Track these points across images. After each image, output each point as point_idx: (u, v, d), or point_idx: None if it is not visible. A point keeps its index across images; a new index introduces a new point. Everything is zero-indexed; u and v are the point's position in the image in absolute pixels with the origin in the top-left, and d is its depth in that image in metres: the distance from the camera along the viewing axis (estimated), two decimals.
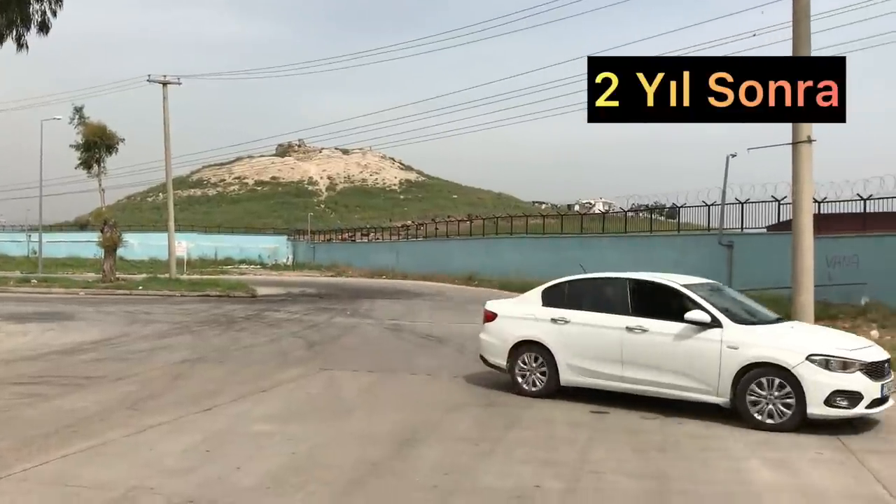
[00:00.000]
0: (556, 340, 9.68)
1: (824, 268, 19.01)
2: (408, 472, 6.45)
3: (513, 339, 10.06)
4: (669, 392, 9.00)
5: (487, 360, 10.48)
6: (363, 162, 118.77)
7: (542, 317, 9.92)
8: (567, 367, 9.60)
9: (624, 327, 9.22)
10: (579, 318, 9.64)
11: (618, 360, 9.24)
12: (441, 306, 24.64)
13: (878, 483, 6.52)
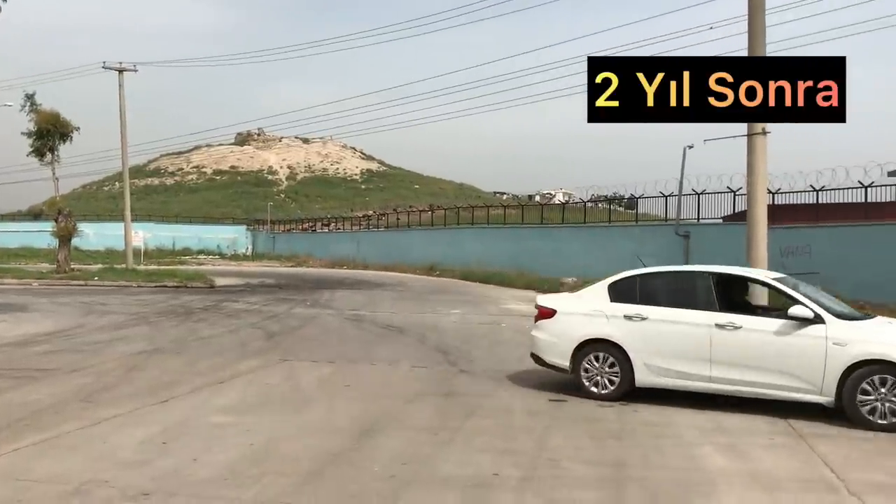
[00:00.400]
0: (632, 339, 9.04)
1: (778, 257, 19.37)
2: (366, 463, 6.45)
3: (578, 338, 9.34)
4: (766, 392, 8.52)
5: (544, 360, 9.73)
6: (324, 151, 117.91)
7: (612, 313, 9.22)
8: (644, 367, 8.98)
9: (713, 324, 8.67)
10: (659, 314, 9.01)
11: (705, 359, 8.69)
12: (402, 296, 24.63)
13: (827, 467, 6.69)
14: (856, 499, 5.86)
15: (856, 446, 7.45)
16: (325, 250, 52.69)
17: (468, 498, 5.65)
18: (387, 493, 5.72)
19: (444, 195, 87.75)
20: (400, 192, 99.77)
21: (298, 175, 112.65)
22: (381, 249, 46.06)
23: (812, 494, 5.96)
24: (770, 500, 5.81)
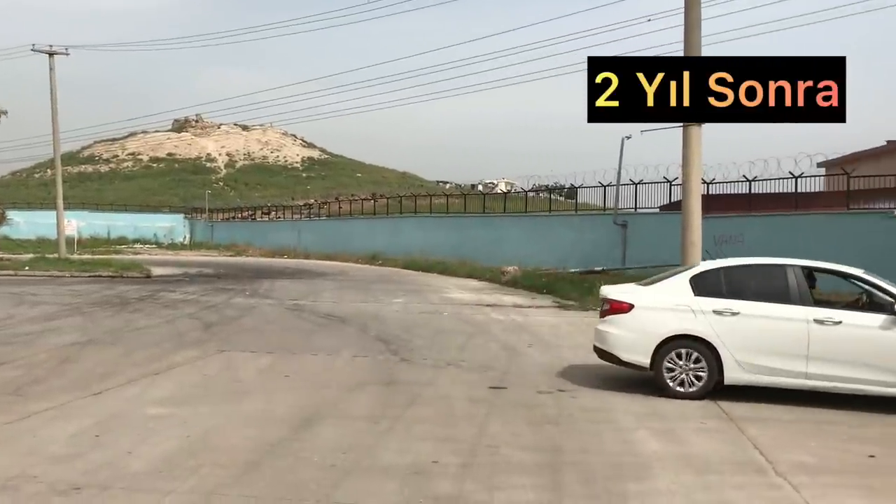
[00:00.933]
0: (723, 334, 8.65)
1: (712, 246, 19.83)
2: (306, 453, 6.42)
3: (662, 334, 8.87)
4: (865, 388, 8.39)
5: (618, 358, 9.23)
6: (264, 139, 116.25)
7: (700, 308, 8.79)
8: (735, 363, 8.63)
9: (811, 319, 8.43)
10: (752, 309, 8.66)
11: (802, 356, 8.44)
12: (344, 286, 24.51)
13: (756, 450, 6.92)
14: (782, 479, 6.07)
15: (783, 428, 7.72)
16: (265, 239, 52.05)
17: (408, 486, 5.68)
18: (326, 482, 5.71)
19: (386, 184, 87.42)
20: (342, 180, 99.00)
21: (238, 163, 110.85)
22: (323, 238, 45.71)
23: (741, 476, 6.15)
24: (701, 482, 5.98)
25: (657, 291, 9.27)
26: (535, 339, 13.32)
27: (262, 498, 5.37)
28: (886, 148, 35.72)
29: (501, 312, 17.34)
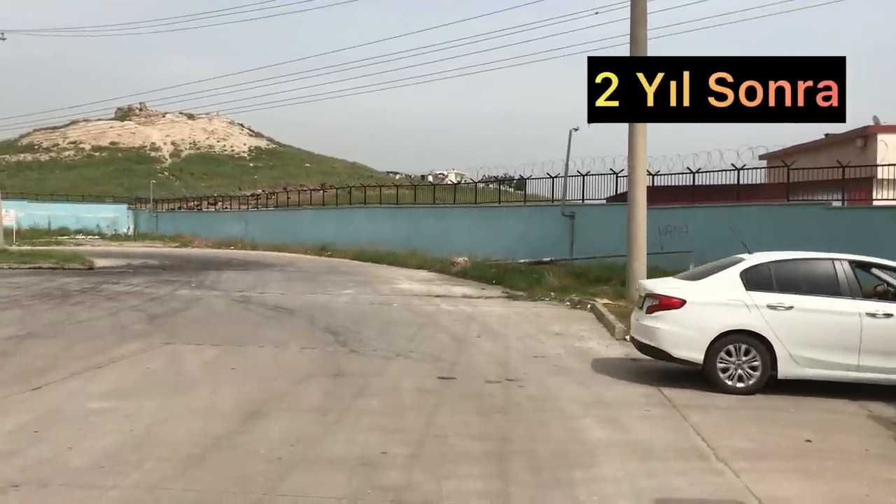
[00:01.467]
0: (776, 329, 8.68)
1: (657, 236, 20.22)
2: (252, 446, 6.37)
3: (717, 329, 8.83)
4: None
5: (669, 354, 9.13)
6: (210, 128, 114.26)
7: (754, 303, 8.79)
8: (789, 358, 8.67)
9: (864, 313, 8.57)
10: (805, 303, 8.72)
11: (854, 349, 8.55)
12: (292, 277, 24.28)
13: (698, 436, 7.08)
14: (723, 465, 6.23)
15: (724, 415, 7.91)
16: (211, 230, 51.26)
17: (356, 477, 5.67)
18: (273, 475, 5.67)
19: (335, 174, 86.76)
20: (290, 170, 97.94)
21: (183, 152, 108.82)
22: (271, 229, 45.22)
23: (684, 462, 6.29)
24: (646, 468, 6.09)
25: (708, 286, 9.18)
26: (485, 330, 13.39)
27: (207, 492, 5.32)
28: (825, 141, 36.67)
29: (451, 303, 17.39)
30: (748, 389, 8.73)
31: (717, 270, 9.42)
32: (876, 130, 37.66)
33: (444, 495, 5.37)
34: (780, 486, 5.74)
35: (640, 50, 15.93)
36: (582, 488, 5.59)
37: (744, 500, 5.47)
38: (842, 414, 8.11)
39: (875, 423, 7.78)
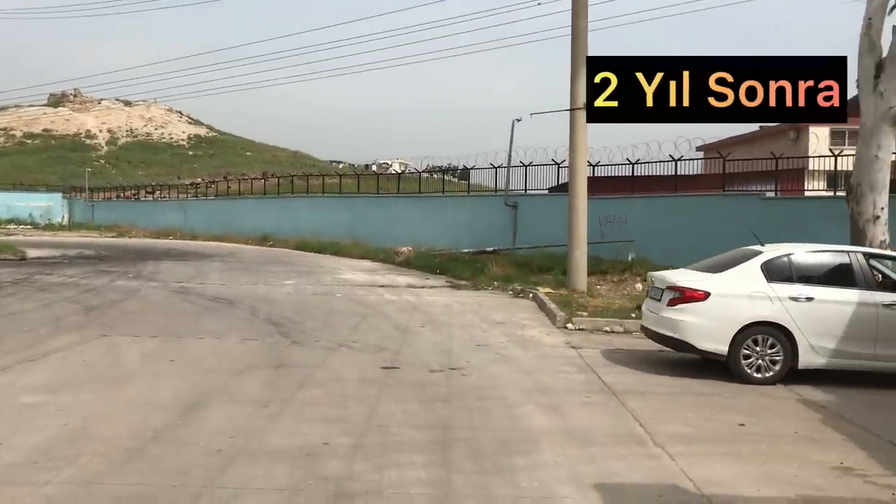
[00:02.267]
0: (798, 320, 8.84)
1: (597, 226, 20.49)
2: (191, 438, 6.28)
3: (741, 321, 8.93)
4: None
5: (695, 346, 9.17)
6: (147, 115, 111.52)
7: (776, 294, 8.93)
8: (810, 348, 8.84)
9: (881, 303, 8.85)
10: (826, 294, 8.92)
11: (871, 339, 8.83)
12: (233, 267, 23.93)
13: (637, 421, 7.25)
14: (660, 449, 6.39)
15: (662, 400, 8.10)
16: (149, 220, 50.12)
17: (298, 468, 5.64)
18: (213, 467, 5.61)
19: (277, 163, 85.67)
20: (231, 159, 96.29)
21: (119, 140, 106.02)
22: (211, 219, 44.44)
23: (623, 448, 6.42)
24: (585, 454, 6.21)
25: (730, 278, 9.24)
26: (428, 319, 13.42)
27: (145, 486, 5.23)
28: (759, 133, 37.65)
29: (395, 293, 17.37)
30: (771, 380, 8.88)
31: (736, 263, 9.51)
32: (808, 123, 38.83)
33: (386, 485, 5.39)
34: (714, 469, 5.91)
35: (580, 42, 16.09)
36: (523, 474, 5.66)
37: (680, 483, 5.61)
38: (774, 398, 8.37)
39: (805, 407, 8.05)
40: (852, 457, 6.33)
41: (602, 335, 12.30)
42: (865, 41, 12.13)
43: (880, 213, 11.95)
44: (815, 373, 8.98)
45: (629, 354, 10.65)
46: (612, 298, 15.43)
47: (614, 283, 18.02)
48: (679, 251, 17.07)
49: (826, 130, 33.75)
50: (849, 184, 12.60)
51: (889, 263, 9.70)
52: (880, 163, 12.02)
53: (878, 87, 11.92)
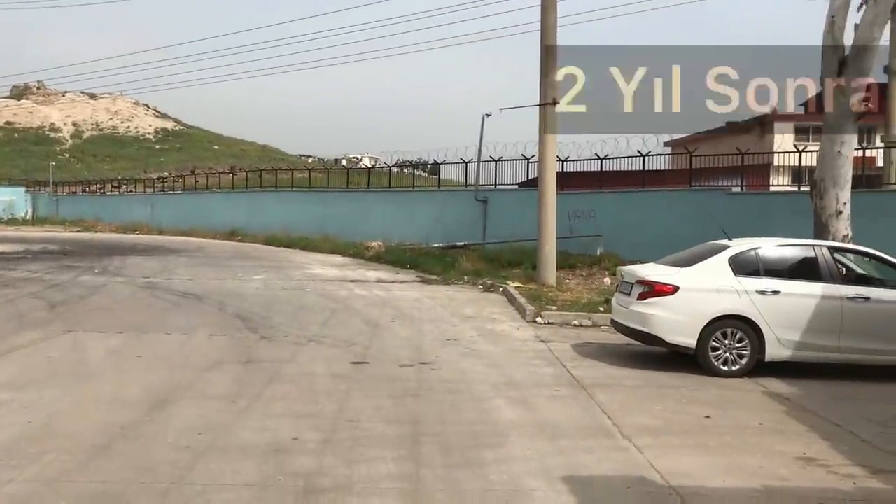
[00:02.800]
0: (765, 313, 8.95)
1: (566, 221, 20.61)
2: (159, 435, 6.22)
3: (710, 314, 9.02)
4: (888, 359, 9.14)
5: (664, 340, 9.27)
6: (113, 108, 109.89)
7: (744, 288, 9.03)
8: (776, 341, 8.96)
9: (844, 296, 8.96)
10: (792, 288, 9.04)
11: (836, 331, 8.94)
12: (200, 262, 23.70)
13: (604, 414, 7.32)
14: (628, 442, 6.45)
15: (629, 393, 8.19)
16: (115, 214, 49.47)
17: (266, 464, 5.62)
18: (181, 463, 5.56)
19: (246, 157, 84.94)
20: (198, 153, 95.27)
21: (85, 133, 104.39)
22: (178, 213, 43.95)
23: (591, 440, 6.48)
24: (554, 447, 6.25)
25: (699, 273, 9.33)
26: (399, 314, 13.41)
27: (112, 483, 5.18)
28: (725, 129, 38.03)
29: (365, 288, 17.33)
30: (738, 372, 8.99)
31: (704, 257, 9.60)
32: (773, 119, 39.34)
33: (357, 479, 5.39)
34: (681, 461, 5.99)
35: (549, 38, 16.15)
36: (492, 468, 5.69)
37: (647, 475, 5.68)
38: (739, 391, 8.49)
39: (769, 399, 8.19)
40: (815, 447, 6.45)
41: (571, 329, 12.39)
42: (829, 39, 12.33)
43: (843, 208, 12.16)
44: (779, 365, 9.13)
45: (598, 348, 10.74)
46: (581, 292, 15.54)
47: (583, 277, 18.14)
48: (647, 245, 17.23)
49: (791, 126, 34.25)
50: (813, 179, 12.81)
51: (852, 257, 9.93)
52: (843, 159, 12.23)
53: (841, 84, 12.13)
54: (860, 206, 12.95)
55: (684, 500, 5.18)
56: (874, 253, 9.64)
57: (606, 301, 13.01)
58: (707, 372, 9.05)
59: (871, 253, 9.68)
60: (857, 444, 6.61)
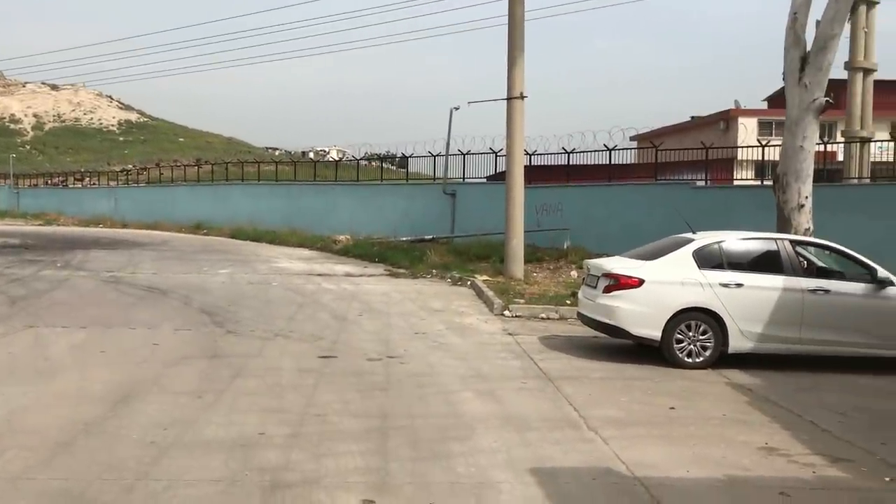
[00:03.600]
0: (728, 306, 9.08)
1: (534, 215, 20.71)
2: (123, 431, 6.15)
3: (674, 307, 9.13)
4: (847, 350, 9.29)
5: (630, 332, 9.35)
6: (76, 99, 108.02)
7: (707, 281, 9.15)
8: (739, 333, 9.10)
9: (805, 289, 9.13)
10: (754, 281, 9.19)
11: (797, 323, 9.11)
12: (166, 256, 23.42)
13: (571, 406, 7.38)
14: (594, 433, 6.52)
15: (596, 386, 8.27)
16: (78, 207, 48.63)
17: (233, 459, 5.58)
18: (146, 459, 5.50)
19: (211, 149, 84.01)
20: (163, 145, 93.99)
21: (46, 125, 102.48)
22: (143, 207, 43.35)
23: (557, 432, 6.53)
24: (521, 439, 6.29)
25: (663, 266, 9.44)
26: (367, 308, 13.39)
27: (75, 480, 5.11)
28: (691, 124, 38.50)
29: (333, 282, 17.27)
30: (702, 364, 9.13)
31: (668, 250, 9.72)
32: (737, 114, 39.90)
33: (324, 474, 5.37)
34: (646, 452, 6.06)
35: (517, 31, 16.18)
36: (460, 460, 5.72)
37: (613, 466, 5.74)
38: (703, 382, 8.62)
39: (732, 390, 8.32)
40: (777, 437, 6.57)
41: (538, 322, 12.47)
42: (791, 35, 12.51)
43: (805, 202, 12.36)
44: (742, 357, 9.28)
45: (565, 341, 10.82)
46: (548, 286, 15.63)
47: (550, 270, 18.25)
48: (613, 239, 17.38)
49: (755, 121, 34.77)
50: (775, 173, 13.00)
51: (813, 250, 10.12)
52: (805, 153, 12.43)
53: (803, 79, 12.32)
54: (821, 200, 13.17)
55: (649, 491, 5.24)
56: (834, 246, 9.83)
57: (573, 294, 13.11)
58: (672, 364, 9.17)
59: (832, 246, 9.86)
60: (817, 434, 6.75)
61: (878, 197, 17.04)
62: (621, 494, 5.22)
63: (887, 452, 6.26)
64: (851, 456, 6.14)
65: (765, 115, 41.14)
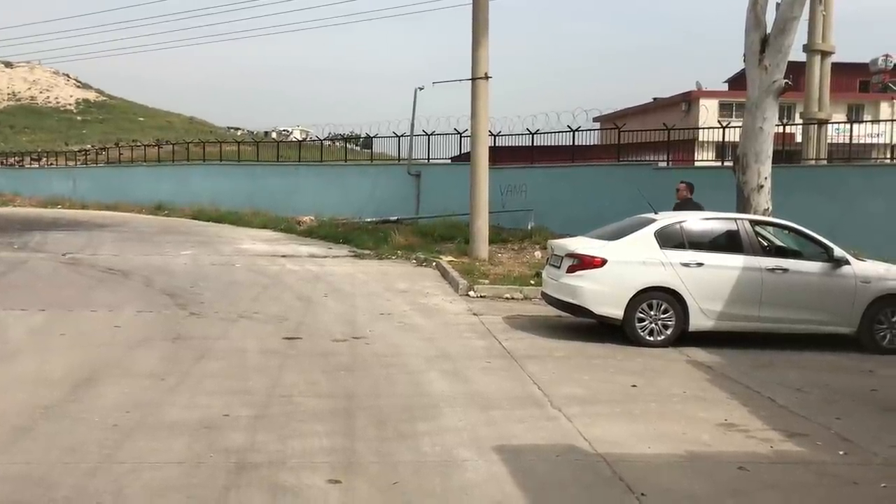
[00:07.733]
0: (689, 285, 9.22)
1: (499, 196, 20.75)
2: (84, 414, 6.08)
3: (636, 286, 9.25)
4: (804, 327, 9.51)
5: (593, 311, 9.45)
6: (31, 77, 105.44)
7: (669, 260, 9.28)
8: (699, 311, 9.25)
9: (764, 268, 9.31)
10: (714, 260, 9.35)
11: (756, 302, 9.28)
12: (126, 237, 23.07)
13: (535, 384, 7.46)
14: (557, 411, 6.60)
15: (559, 364, 8.36)
16: (35, 188, 47.59)
17: (197, 441, 5.55)
18: (108, 443, 5.45)
19: (172, 129, 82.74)
20: (122, 125, 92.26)
21: (1, 103, 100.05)
22: (102, 187, 42.57)
23: (522, 410, 6.61)
24: (485, 418, 6.35)
25: (626, 246, 9.54)
26: (332, 289, 13.34)
27: (36, 464, 5.04)
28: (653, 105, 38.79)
29: (297, 263, 17.16)
30: (663, 342, 9.28)
31: (631, 230, 9.82)
32: (698, 95, 40.30)
33: (290, 454, 5.38)
34: (608, 429, 6.16)
35: (481, 11, 16.12)
36: (425, 439, 5.76)
37: (576, 443, 5.82)
38: (665, 360, 8.77)
39: (693, 368, 8.47)
40: (736, 413, 6.72)
41: (503, 302, 12.54)
42: (752, 17, 12.64)
43: (764, 183, 12.55)
44: (703, 335, 9.44)
45: (529, 320, 10.91)
46: (513, 266, 15.72)
47: (515, 251, 18.33)
48: (577, 219, 17.47)
49: (715, 103, 35.14)
50: (736, 154, 13.17)
51: (772, 230, 10.32)
52: (765, 134, 12.61)
53: (763, 61, 12.48)
54: (779, 181, 13.38)
55: (611, 467, 5.33)
56: (792, 226, 10.03)
57: (537, 274, 13.20)
58: (634, 342, 9.31)
59: (790, 226, 10.06)
60: (774, 409, 6.91)
61: (835, 178, 17.34)
62: (584, 470, 5.30)
63: (841, 427, 6.44)
64: (807, 431, 6.31)
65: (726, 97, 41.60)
